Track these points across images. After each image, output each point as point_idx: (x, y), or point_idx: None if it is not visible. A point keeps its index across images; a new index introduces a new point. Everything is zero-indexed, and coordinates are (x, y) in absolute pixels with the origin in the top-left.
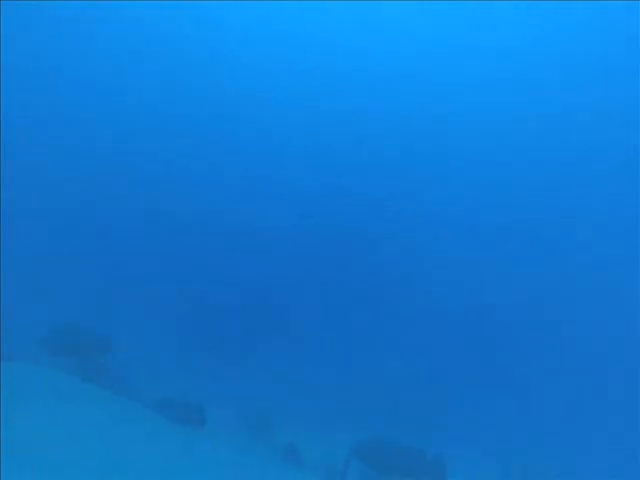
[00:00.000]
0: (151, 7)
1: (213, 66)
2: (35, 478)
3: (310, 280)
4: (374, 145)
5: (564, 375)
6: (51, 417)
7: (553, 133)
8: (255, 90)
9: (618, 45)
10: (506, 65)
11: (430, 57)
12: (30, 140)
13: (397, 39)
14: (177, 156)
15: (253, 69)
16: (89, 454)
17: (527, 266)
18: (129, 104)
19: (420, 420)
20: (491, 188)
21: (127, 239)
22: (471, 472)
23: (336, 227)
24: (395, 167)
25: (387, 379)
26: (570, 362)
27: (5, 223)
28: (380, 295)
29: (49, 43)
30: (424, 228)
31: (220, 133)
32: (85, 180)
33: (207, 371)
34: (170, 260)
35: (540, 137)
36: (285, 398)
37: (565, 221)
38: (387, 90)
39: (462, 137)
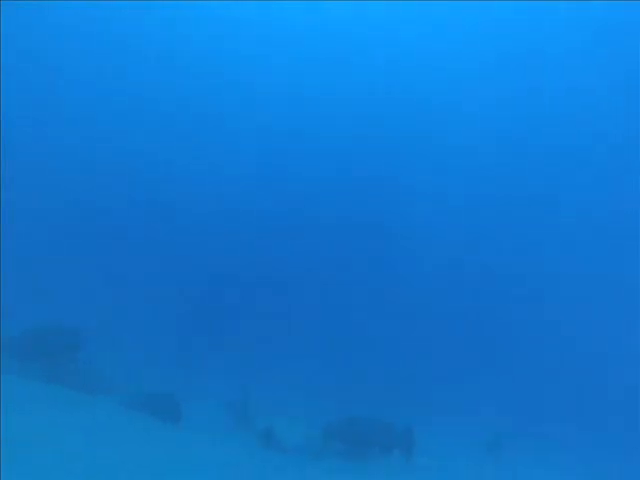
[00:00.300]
0: (151, 7)
1: (213, 65)
2: None
3: (291, 268)
4: (374, 143)
5: (563, 374)
6: (35, 423)
7: (555, 133)
8: (257, 85)
9: (618, 45)
10: (506, 64)
11: (430, 53)
12: (30, 140)
13: (397, 37)
14: (177, 155)
15: (253, 67)
16: (73, 457)
17: (527, 265)
18: (129, 104)
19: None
20: (491, 186)
21: (122, 235)
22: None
23: (334, 224)
24: (394, 166)
25: (370, 363)
26: (570, 361)
27: (5, 223)
28: (363, 284)
29: (49, 43)
30: (423, 227)
31: (219, 131)
32: (85, 179)
33: (184, 362)
34: (149, 252)
35: (542, 137)
36: (261, 383)
37: (566, 221)
38: (387, 89)
39: (464, 136)
